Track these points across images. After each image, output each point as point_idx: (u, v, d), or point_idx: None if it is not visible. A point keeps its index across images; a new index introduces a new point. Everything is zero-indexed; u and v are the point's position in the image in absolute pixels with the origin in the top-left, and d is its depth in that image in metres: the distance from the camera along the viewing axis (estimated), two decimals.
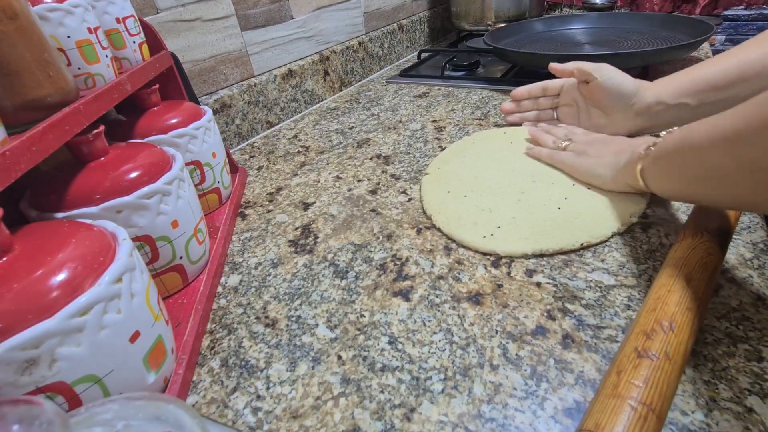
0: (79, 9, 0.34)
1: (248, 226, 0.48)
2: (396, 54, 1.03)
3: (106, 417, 0.16)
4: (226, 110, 0.65)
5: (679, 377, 0.24)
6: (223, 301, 0.38)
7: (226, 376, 0.31)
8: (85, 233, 0.26)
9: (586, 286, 0.33)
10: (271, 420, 0.27)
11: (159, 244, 0.34)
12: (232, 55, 0.66)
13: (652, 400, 0.21)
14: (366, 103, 0.78)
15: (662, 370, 0.23)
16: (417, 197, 0.48)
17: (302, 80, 0.78)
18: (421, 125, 0.66)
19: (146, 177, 0.33)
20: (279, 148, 0.66)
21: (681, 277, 0.28)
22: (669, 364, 0.23)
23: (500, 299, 0.33)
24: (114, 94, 0.36)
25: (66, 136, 0.29)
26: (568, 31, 0.90)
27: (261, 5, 0.69)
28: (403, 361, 0.29)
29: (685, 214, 0.39)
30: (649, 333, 0.24)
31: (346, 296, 0.36)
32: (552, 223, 0.39)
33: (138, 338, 0.26)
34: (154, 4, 0.55)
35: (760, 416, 0.23)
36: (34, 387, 0.21)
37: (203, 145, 0.46)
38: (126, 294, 0.25)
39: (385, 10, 0.97)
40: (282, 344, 0.32)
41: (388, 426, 0.26)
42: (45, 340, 0.21)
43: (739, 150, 0.24)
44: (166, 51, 0.49)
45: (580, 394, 0.26)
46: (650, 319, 0.25)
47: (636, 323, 0.26)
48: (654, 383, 0.22)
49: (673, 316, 0.25)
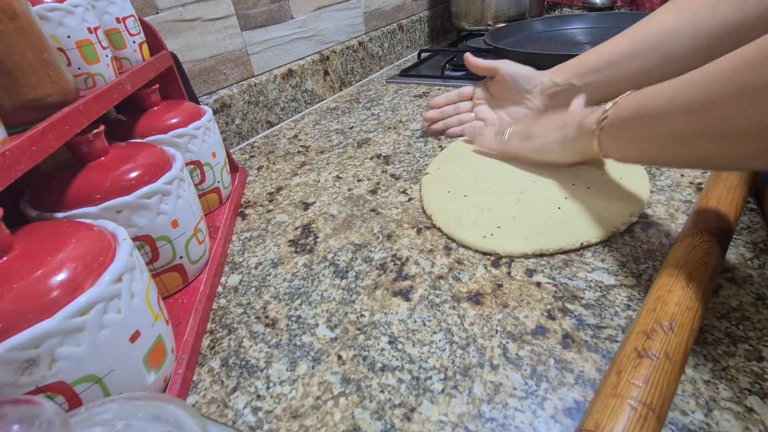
0: (79, 9, 0.34)
1: (248, 225, 0.48)
2: (396, 54, 1.03)
3: (106, 417, 0.16)
4: (226, 110, 0.65)
5: (679, 377, 0.24)
6: (223, 301, 0.38)
7: (226, 376, 0.31)
8: (85, 233, 0.26)
9: (586, 285, 0.33)
10: (271, 420, 0.27)
11: (159, 244, 0.34)
12: (232, 55, 0.66)
13: (653, 400, 0.21)
14: (366, 103, 0.78)
15: (662, 370, 0.23)
16: (417, 197, 0.48)
17: (302, 80, 0.78)
18: (421, 125, 0.66)
19: (146, 177, 0.33)
20: (279, 148, 0.66)
21: (681, 277, 0.28)
22: (669, 364, 0.23)
23: (500, 299, 0.33)
24: (114, 94, 0.36)
25: (66, 136, 0.29)
26: (568, 31, 0.90)
27: (261, 5, 0.68)
28: (403, 360, 0.29)
29: (685, 214, 0.39)
30: (649, 333, 0.24)
31: (346, 296, 0.36)
32: (552, 223, 0.39)
33: (138, 338, 0.26)
34: (154, 4, 0.55)
35: (760, 416, 0.23)
36: (34, 387, 0.21)
37: (203, 145, 0.46)
38: (126, 294, 0.25)
39: (385, 10, 0.97)
40: (282, 344, 0.32)
41: (388, 426, 0.26)
42: (45, 340, 0.21)
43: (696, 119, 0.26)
44: (166, 51, 0.49)
45: (580, 393, 0.26)
46: (650, 319, 0.25)
47: (636, 323, 0.26)
48: (654, 383, 0.22)
49: (673, 316, 0.25)
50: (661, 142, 0.30)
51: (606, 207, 0.40)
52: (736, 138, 0.24)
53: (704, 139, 0.26)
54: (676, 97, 0.27)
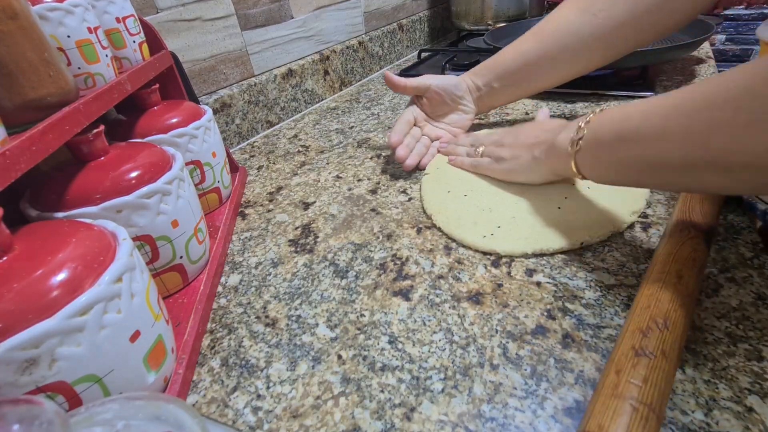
0: (79, 8, 0.34)
1: (248, 225, 0.48)
2: (396, 53, 1.03)
3: (106, 417, 0.16)
4: (226, 110, 0.65)
5: (674, 375, 0.24)
6: (223, 301, 0.38)
7: (227, 376, 0.31)
8: (85, 233, 0.26)
9: (586, 285, 0.33)
10: (271, 419, 0.27)
11: (159, 244, 0.34)
12: (232, 55, 0.66)
13: (652, 400, 0.21)
14: (366, 103, 0.78)
15: (660, 369, 0.23)
16: (417, 197, 0.48)
17: (302, 80, 0.78)
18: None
19: (146, 177, 0.33)
20: (279, 148, 0.66)
21: (672, 274, 0.28)
22: (666, 362, 0.23)
23: (500, 299, 0.33)
24: (114, 93, 0.36)
25: (66, 136, 0.29)
26: None
27: (261, 5, 0.68)
28: (403, 360, 0.29)
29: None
30: (645, 331, 0.24)
31: (346, 296, 0.36)
32: (552, 223, 0.39)
33: (138, 338, 0.26)
34: (154, 4, 0.55)
35: (760, 416, 0.23)
36: (35, 387, 0.21)
37: (203, 145, 0.46)
38: (126, 294, 0.25)
39: (385, 9, 0.97)
40: (282, 344, 0.32)
41: (388, 425, 0.26)
42: (45, 339, 0.21)
43: (693, 148, 0.24)
44: (166, 51, 0.49)
45: (580, 393, 0.26)
46: (645, 317, 0.25)
47: (630, 320, 0.26)
48: (653, 382, 0.22)
49: (668, 313, 0.25)
50: (651, 168, 0.28)
51: (606, 206, 0.40)
52: (741, 169, 0.23)
53: (706, 170, 0.24)
54: (668, 124, 0.26)
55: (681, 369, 0.26)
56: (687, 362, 0.26)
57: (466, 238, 0.39)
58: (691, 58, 0.75)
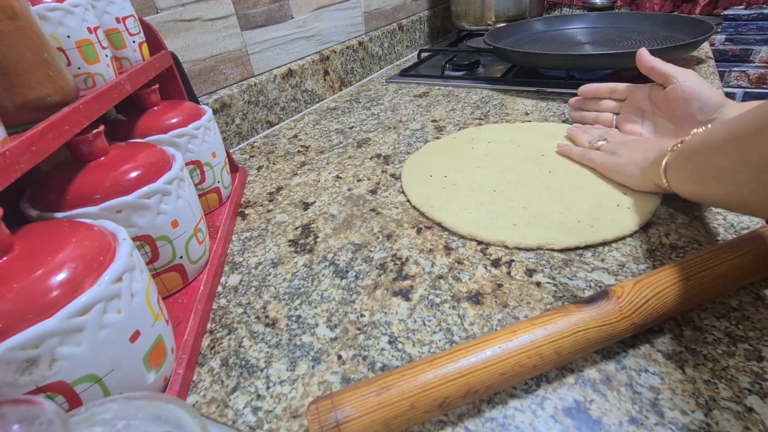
0: (78, 8, 0.34)
1: (248, 225, 0.48)
2: (396, 54, 1.03)
3: (106, 417, 0.16)
4: (226, 110, 0.65)
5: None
6: (223, 301, 0.38)
7: (226, 376, 0.31)
8: (85, 233, 0.26)
9: (586, 285, 0.33)
10: (271, 419, 0.27)
11: (159, 244, 0.34)
12: (232, 55, 0.66)
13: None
14: (366, 103, 0.78)
15: None
16: None
17: (302, 80, 0.78)
18: (421, 125, 0.66)
19: (146, 177, 0.33)
20: (279, 148, 0.66)
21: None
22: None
23: (500, 299, 0.33)
24: (114, 93, 0.36)
25: (66, 136, 0.29)
26: (568, 31, 0.90)
27: (261, 5, 0.68)
28: (404, 360, 0.29)
29: (685, 215, 0.39)
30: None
31: (346, 296, 0.36)
32: (552, 223, 0.39)
33: (138, 338, 0.26)
34: (154, 4, 0.55)
35: (760, 416, 0.23)
36: (34, 387, 0.21)
37: (203, 145, 0.46)
38: (126, 294, 0.25)
39: (385, 9, 0.97)
40: (282, 344, 0.32)
41: None
42: (45, 339, 0.21)
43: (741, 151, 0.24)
44: (166, 51, 0.49)
45: (580, 393, 0.26)
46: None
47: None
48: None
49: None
50: (710, 175, 0.28)
51: (606, 207, 0.40)
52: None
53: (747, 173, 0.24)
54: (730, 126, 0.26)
55: (681, 369, 0.26)
56: (687, 362, 0.26)
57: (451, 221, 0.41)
58: (691, 58, 0.75)
